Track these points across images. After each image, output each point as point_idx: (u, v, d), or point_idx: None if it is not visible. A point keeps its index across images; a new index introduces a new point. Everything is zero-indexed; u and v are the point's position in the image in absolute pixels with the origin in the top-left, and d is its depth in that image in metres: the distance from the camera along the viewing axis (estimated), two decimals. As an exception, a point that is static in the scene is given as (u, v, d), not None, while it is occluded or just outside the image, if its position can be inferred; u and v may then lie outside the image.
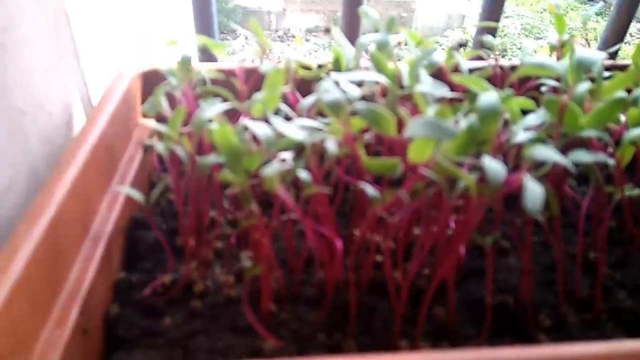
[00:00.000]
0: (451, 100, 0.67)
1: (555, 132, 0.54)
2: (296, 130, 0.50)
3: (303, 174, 0.52)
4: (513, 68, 0.83)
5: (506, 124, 0.60)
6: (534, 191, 0.40)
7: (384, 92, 0.66)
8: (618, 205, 0.76)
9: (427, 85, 0.57)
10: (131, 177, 0.67)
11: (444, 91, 0.55)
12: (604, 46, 1.14)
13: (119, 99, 0.69)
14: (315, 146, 0.51)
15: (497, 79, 0.82)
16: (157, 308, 0.56)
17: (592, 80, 0.63)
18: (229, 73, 0.78)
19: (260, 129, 0.48)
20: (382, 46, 0.66)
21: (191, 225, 0.58)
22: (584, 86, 0.62)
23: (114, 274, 0.59)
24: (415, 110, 0.64)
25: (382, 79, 0.59)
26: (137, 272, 0.60)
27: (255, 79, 0.74)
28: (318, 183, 0.54)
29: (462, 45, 0.75)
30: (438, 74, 0.82)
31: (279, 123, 0.50)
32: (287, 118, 0.58)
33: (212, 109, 0.52)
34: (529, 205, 0.38)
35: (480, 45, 0.84)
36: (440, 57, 0.76)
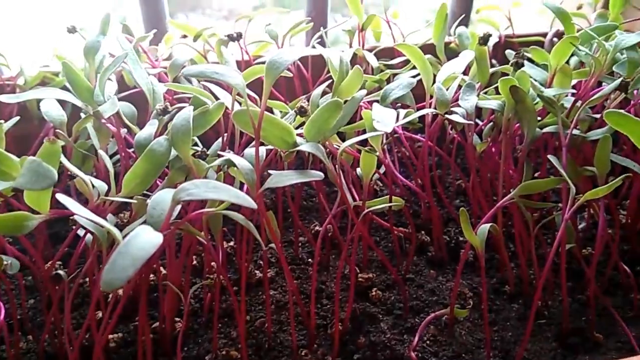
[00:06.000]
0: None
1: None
2: None
3: None
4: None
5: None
6: (122, 254, 0.32)
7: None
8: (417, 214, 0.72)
9: (109, 105, 0.49)
10: None
11: (116, 109, 0.48)
12: (452, 20, 1.09)
13: None
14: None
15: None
16: None
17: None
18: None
19: None
20: (90, 52, 0.57)
21: None
22: (317, 90, 0.56)
23: None
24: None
25: (68, 97, 0.51)
26: None
27: None
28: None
29: (233, 38, 0.66)
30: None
31: None
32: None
33: None
34: (104, 278, 0.31)
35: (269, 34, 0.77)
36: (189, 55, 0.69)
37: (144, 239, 0.34)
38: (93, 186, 0.44)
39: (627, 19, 0.87)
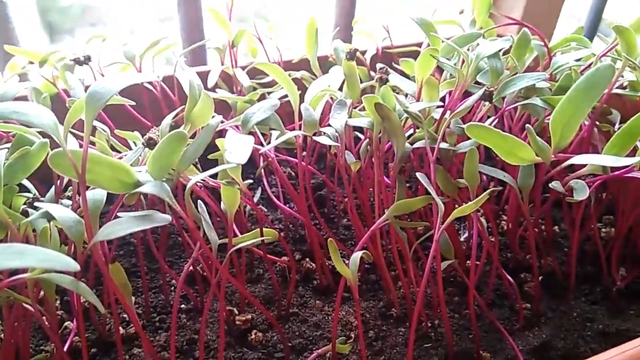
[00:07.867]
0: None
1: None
2: None
3: None
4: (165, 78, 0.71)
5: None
6: None
7: None
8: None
9: None
10: None
11: None
12: (335, 30, 1.09)
13: None
14: None
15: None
16: None
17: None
18: None
19: None
20: None
21: None
22: (168, 119, 0.51)
23: None
24: None
25: None
26: None
27: None
28: None
29: (79, 61, 0.61)
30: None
31: None
32: None
33: None
34: None
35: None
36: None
37: None
38: None
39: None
